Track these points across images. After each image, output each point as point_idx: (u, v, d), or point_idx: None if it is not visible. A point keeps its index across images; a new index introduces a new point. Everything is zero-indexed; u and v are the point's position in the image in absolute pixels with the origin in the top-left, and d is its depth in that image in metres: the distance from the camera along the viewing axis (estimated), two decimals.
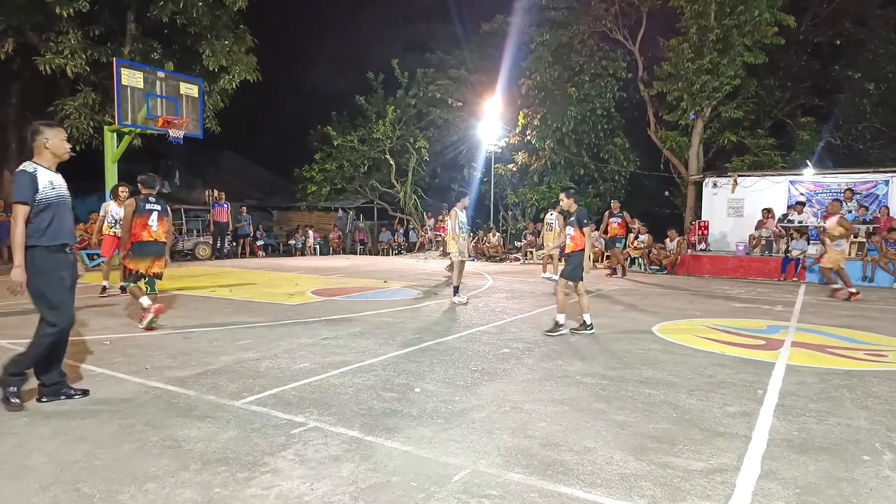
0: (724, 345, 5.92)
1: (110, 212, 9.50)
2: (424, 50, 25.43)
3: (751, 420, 3.64)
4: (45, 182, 3.70)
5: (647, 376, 4.63)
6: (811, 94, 20.89)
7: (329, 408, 3.76)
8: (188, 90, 14.89)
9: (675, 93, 17.72)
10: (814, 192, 15.69)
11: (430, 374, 4.60)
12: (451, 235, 8.98)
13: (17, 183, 3.64)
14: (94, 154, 15.45)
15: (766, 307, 8.77)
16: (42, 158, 3.78)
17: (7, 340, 5.65)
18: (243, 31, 16.80)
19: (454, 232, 8.93)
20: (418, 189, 24.36)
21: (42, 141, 3.76)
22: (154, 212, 6.48)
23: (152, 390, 4.10)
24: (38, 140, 3.76)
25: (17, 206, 3.60)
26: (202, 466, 2.87)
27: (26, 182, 3.62)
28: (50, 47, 13.68)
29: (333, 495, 2.59)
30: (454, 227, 8.94)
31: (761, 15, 16.07)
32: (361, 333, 6.25)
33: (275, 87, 25.40)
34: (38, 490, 2.62)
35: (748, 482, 2.76)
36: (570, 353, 5.45)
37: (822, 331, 6.83)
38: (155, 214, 6.48)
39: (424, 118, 23.71)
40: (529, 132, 21.23)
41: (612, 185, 21.76)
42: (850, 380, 4.63)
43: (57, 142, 3.80)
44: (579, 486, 2.70)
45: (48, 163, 3.79)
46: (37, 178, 3.67)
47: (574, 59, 20.46)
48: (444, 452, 3.07)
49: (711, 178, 17.19)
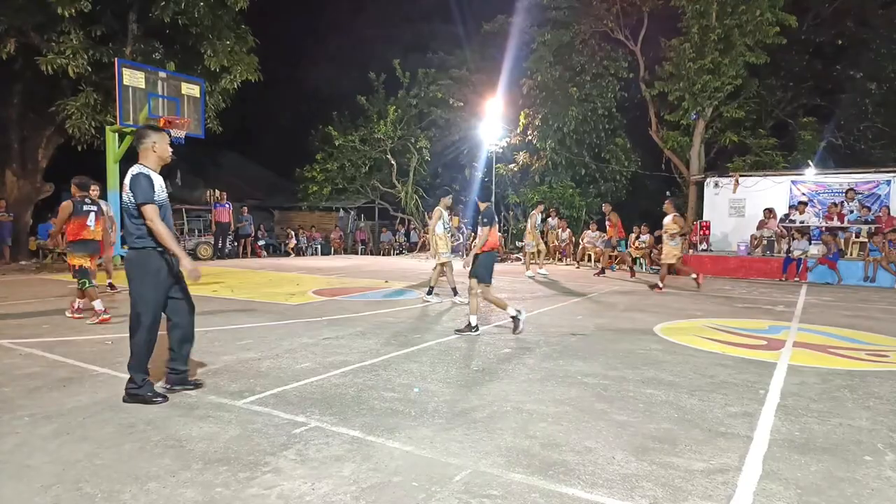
0: (726, 345, 5.91)
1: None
2: (426, 50, 25.42)
3: (752, 420, 3.64)
4: (157, 185, 3.81)
5: (648, 376, 4.63)
6: (813, 93, 20.85)
7: (330, 407, 3.76)
8: (190, 90, 14.89)
9: (676, 93, 17.69)
10: (815, 193, 15.67)
11: (432, 374, 4.61)
12: (437, 234, 8.79)
13: (139, 185, 3.70)
14: (96, 154, 15.47)
15: (768, 307, 8.76)
16: (149, 161, 3.86)
17: (8, 340, 5.67)
18: (245, 32, 16.78)
19: (436, 230, 8.77)
20: (419, 189, 24.35)
21: (150, 144, 3.86)
22: (91, 213, 6.97)
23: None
24: (145, 143, 3.85)
25: (148, 207, 3.68)
26: (204, 466, 2.87)
27: (147, 184, 3.72)
28: (52, 47, 13.68)
29: (335, 495, 2.59)
30: (435, 226, 8.79)
31: (763, 15, 16.04)
32: (363, 333, 6.25)
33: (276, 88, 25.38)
34: (40, 489, 2.62)
35: (750, 482, 2.76)
36: (572, 353, 5.45)
37: (823, 331, 6.82)
38: (92, 215, 6.97)
39: (426, 118, 23.71)
40: (531, 132, 21.22)
41: (614, 185, 21.75)
42: (851, 380, 4.63)
43: (164, 145, 3.91)
44: (580, 487, 2.70)
45: (154, 165, 3.88)
46: (152, 180, 3.77)
47: (575, 59, 20.44)
48: (445, 452, 3.07)
49: (713, 178, 17.17)
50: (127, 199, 3.74)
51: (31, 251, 16.25)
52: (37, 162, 16.47)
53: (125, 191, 3.75)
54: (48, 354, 5.09)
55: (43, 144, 16.49)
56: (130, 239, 3.78)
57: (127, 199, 3.74)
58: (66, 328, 6.40)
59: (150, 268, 3.77)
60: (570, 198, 20.71)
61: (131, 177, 3.75)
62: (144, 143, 3.86)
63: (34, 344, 5.49)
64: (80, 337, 5.90)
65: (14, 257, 15.29)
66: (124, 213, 3.80)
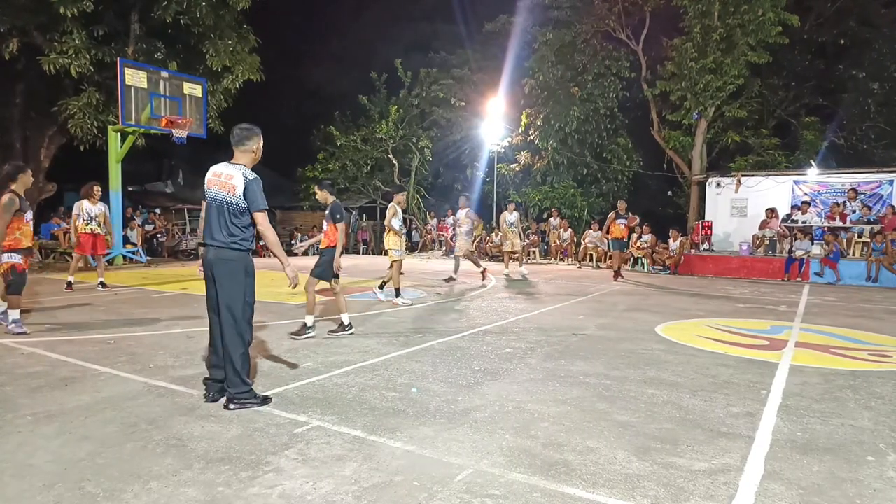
0: (728, 345, 5.90)
1: (84, 210, 9.67)
2: (427, 50, 25.44)
3: (754, 420, 3.63)
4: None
5: (650, 376, 4.63)
6: (815, 93, 20.83)
7: (332, 407, 3.76)
8: (191, 90, 14.91)
9: (678, 92, 17.68)
10: (818, 192, 15.65)
11: (433, 374, 4.61)
12: (393, 231, 8.50)
13: (258, 191, 3.69)
14: (98, 154, 15.50)
15: (770, 307, 8.75)
16: (249, 163, 3.83)
17: (10, 339, 5.68)
18: (247, 31, 16.81)
19: (394, 229, 8.49)
20: (421, 189, 24.37)
21: (257, 146, 3.86)
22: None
23: (156, 389, 4.11)
24: (249, 145, 3.82)
25: (264, 214, 3.72)
26: (205, 465, 2.87)
27: (261, 188, 3.74)
28: (54, 47, 13.70)
29: (336, 494, 2.59)
30: (391, 221, 8.51)
31: (765, 14, 16.02)
32: (364, 333, 6.25)
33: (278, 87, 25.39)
34: (42, 488, 2.62)
35: (751, 483, 2.76)
36: (573, 353, 5.45)
37: (825, 331, 6.81)
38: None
39: (427, 118, 23.71)
40: (532, 132, 21.21)
41: (616, 185, 21.74)
42: (853, 380, 4.62)
43: (261, 147, 3.91)
44: (582, 487, 2.69)
45: (250, 167, 3.84)
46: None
47: (577, 59, 20.44)
48: (446, 452, 3.07)
49: (715, 178, 17.15)
50: (235, 200, 3.67)
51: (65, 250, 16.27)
52: (39, 161, 16.49)
53: (233, 192, 3.66)
54: (50, 354, 5.10)
55: (45, 144, 16.52)
56: (233, 239, 3.69)
57: (234, 199, 3.67)
58: (68, 328, 6.41)
59: (251, 268, 3.82)
60: (572, 198, 20.71)
61: (251, 180, 3.68)
62: (248, 144, 3.82)
63: (36, 343, 5.50)
64: (82, 336, 5.91)
65: None
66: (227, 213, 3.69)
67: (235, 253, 3.72)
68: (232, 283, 3.70)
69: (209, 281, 3.78)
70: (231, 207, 3.69)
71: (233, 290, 3.70)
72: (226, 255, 3.71)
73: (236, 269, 3.72)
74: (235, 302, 3.70)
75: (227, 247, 3.70)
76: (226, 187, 3.70)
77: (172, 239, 20.13)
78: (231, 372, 3.70)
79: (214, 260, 3.73)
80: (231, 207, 3.69)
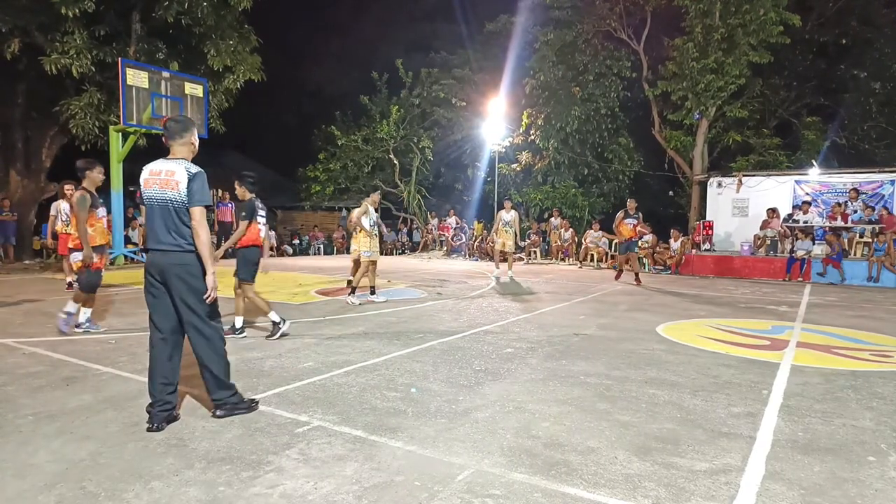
0: (729, 345, 5.90)
1: (62, 211, 9.71)
2: (428, 50, 25.46)
3: (755, 421, 3.63)
4: None
5: (651, 376, 4.62)
6: (816, 93, 20.80)
7: (333, 407, 3.77)
8: (193, 90, 14.92)
9: (679, 92, 17.66)
10: (819, 192, 15.63)
11: (434, 374, 4.61)
12: (363, 231, 8.33)
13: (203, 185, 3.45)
14: (100, 154, 15.49)
15: (771, 307, 8.74)
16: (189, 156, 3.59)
17: (12, 339, 5.69)
18: (248, 31, 16.82)
19: (363, 227, 8.31)
20: (422, 189, 24.37)
21: (194, 137, 3.63)
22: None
23: None
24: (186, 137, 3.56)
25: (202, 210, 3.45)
26: (207, 465, 2.88)
27: (206, 182, 3.51)
28: (55, 47, 13.71)
29: (337, 494, 2.59)
30: (360, 219, 8.34)
31: (766, 14, 16.01)
32: (365, 333, 6.26)
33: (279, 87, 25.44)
34: (43, 488, 2.63)
35: (752, 483, 2.76)
36: (574, 353, 5.44)
37: (827, 331, 6.80)
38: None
39: (428, 118, 23.72)
40: (533, 132, 21.21)
41: (617, 185, 21.73)
42: (855, 380, 4.61)
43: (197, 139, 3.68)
44: (583, 487, 2.69)
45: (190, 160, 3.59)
46: None
47: (578, 59, 20.42)
48: (447, 452, 3.07)
49: (716, 178, 17.13)
50: (179, 197, 3.38)
51: (35, 250, 16.32)
52: (40, 162, 16.52)
53: (176, 188, 3.38)
54: (52, 353, 5.10)
55: (46, 144, 16.54)
56: (185, 241, 3.42)
57: (178, 196, 3.39)
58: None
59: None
60: (573, 198, 20.70)
61: (195, 174, 3.42)
62: (186, 136, 3.56)
63: (38, 343, 5.51)
64: (83, 336, 5.92)
65: (18, 257, 15.34)
66: (173, 212, 3.41)
67: (189, 255, 3.43)
68: (190, 288, 3.42)
69: (155, 290, 3.46)
70: (176, 205, 3.40)
71: (193, 294, 3.43)
72: (178, 259, 3.41)
73: (193, 272, 3.43)
74: (199, 304, 3.45)
75: (178, 249, 3.42)
76: (168, 184, 3.41)
77: None
78: (211, 379, 3.51)
79: (165, 265, 3.41)
80: (176, 205, 3.40)
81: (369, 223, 8.37)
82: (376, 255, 8.51)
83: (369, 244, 8.36)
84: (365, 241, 8.37)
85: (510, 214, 12.22)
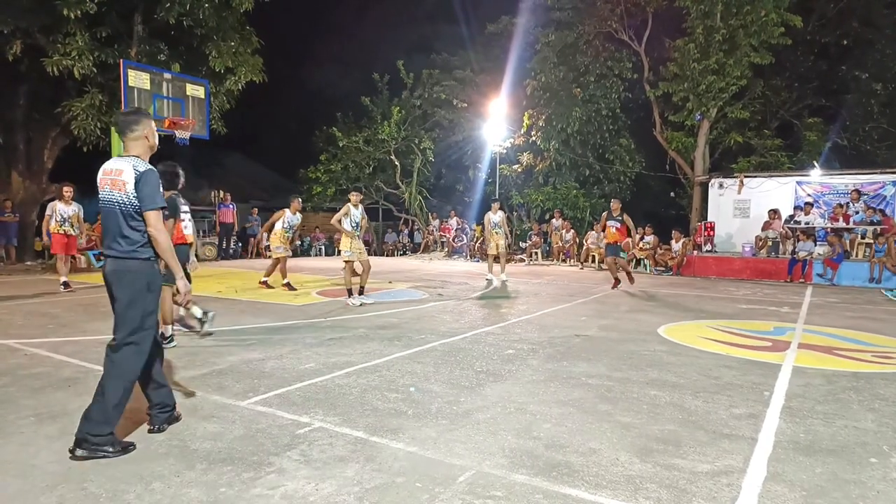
0: (731, 346, 5.89)
1: (57, 211, 9.88)
2: (429, 51, 25.45)
3: (757, 422, 3.62)
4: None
5: (652, 378, 4.62)
6: (818, 94, 20.78)
7: (334, 408, 3.76)
8: (194, 91, 14.93)
9: (680, 93, 17.65)
10: (821, 193, 15.61)
11: (435, 375, 4.60)
12: (346, 230, 8.44)
13: (153, 185, 3.17)
14: (102, 155, 15.53)
15: (773, 308, 8.73)
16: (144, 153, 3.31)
17: (14, 340, 5.69)
18: (249, 33, 16.84)
19: (343, 228, 8.41)
20: (423, 190, 24.37)
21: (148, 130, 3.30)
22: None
23: None
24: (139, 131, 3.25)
25: (157, 213, 3.17)
26: (208, 466, 2.88)
27: (157, 182, 3.22)
28: (57, 49, 13.74)
29: (338, 495, 2.59)
30: (340, 220, 8.40)
31: (768, 15, 15.99)
32: (366, 334, 6.26)
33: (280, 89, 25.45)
34: (45, 489, 2.63)
35: (754, 484, 2.75)
36: (575, 354, 5.44)
37: (828, 332, 6.79)
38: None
39: (429, 119, 23.72)
40: (534, 133, 21.21)
41: (618, 186, 21.71)
42: (857, 382, 4.60)
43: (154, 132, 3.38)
44: (584, 488, 2.69)
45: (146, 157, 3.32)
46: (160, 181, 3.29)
47: (579, 60, 20.42)
48: (448, 453, 3.07)
49: (717, 179, 17.13)
50: (127, 199, 3.11)
51: (37, 251, 16.34)
52: (42, 163, 16.55)
53: (123, 189, 3.11)
54: (53, 354, 5.11)
55: (48, 145, 16.57)
56: (133, 247, 3.12)
57: (126, 198, 3.11)
58: (70, 328, 6.42)
59: (156, 283, 3.26)
60: (574, 199, 20.69)
61: (143, 172, 3.13)
62: (137, 130, 3.24)
63: (39, 344, 5.52)
64: (84, 337, 5.92)
65: (20, 258, 15.37)
66: (121, 215, 3.13)
67: (136, 263, 3.12)
68: (130, 302, 3.10)
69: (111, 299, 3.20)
70: (124, 208, 3.10)
71: (131, 309, 3.11)
72: (125, 267, 3.11)
73: (136, 283, 3.12)
74: (131, 323, 3.11)
75: (126, 256, 3.11)
76: (116, 185, 3.12)
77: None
78: (97, 407, 3.00)
79: (112, 273, 3.14)
80: (124, 208, 3.10)
81: (350, 224, 8.46)
82: (356, 255, 8.50)
83: (350, 244, 8.46)
84: (346, 242, 8.52)
85: (497, 216, 11.77)
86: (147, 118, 3.34)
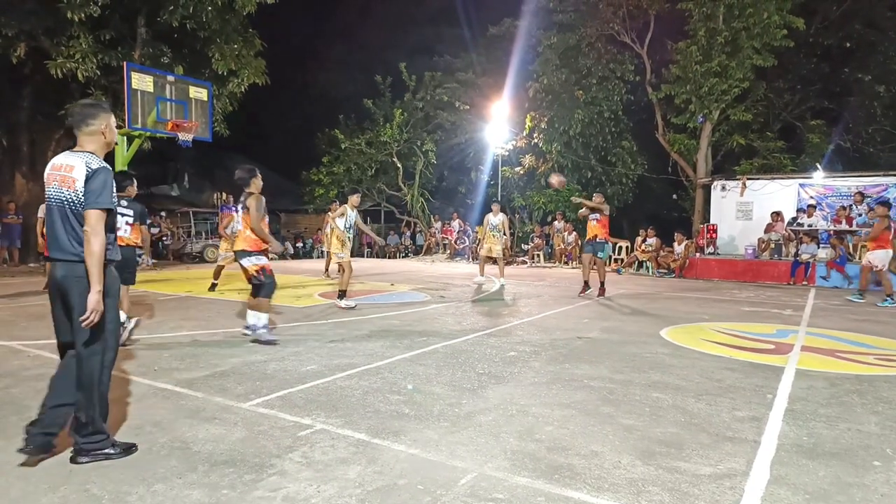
0: (733, 349, 5.88)
1: None
2: (432, 53, 25.54)
3: (760, 425, 3.61)
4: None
5: (654, 380, 4.61)
6: (821, 96, 20.77)
7: (336, 410, 3.76)
8: (197, 94, 14.98)
9: (683, 95, 17.66)
10: (823, 196, 15.58)
11: (437, 377, 4.60)
12: (337, 234, 8.33)
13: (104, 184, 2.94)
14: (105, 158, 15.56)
15: (776, 311, 8.71)
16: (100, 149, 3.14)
17: (17, 342, 5.71)
18: (252, 35, 16.90)
19: (337, 227, 8.30)
20: (425, 192, 24.39)
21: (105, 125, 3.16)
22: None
23: (161, 392, 4.11)
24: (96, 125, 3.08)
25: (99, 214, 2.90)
26: (210, 468, 2.88)
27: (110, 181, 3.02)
28: (61, 51, 13.81)
29: (340, 498, 2.59)
30: (335, 220, 8.34)
31: (770, 17, 16.00)
32: (368, 336, 6.26)
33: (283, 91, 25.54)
34: (47, 490, 2.64)
35: (757, 487, 2.74)
36: (577, 356, 5.43)
37: (832, 335, 6.77)
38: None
39: (432, 121, 23.75)
40: (537, 135, 21.22)
41: (620, 189, 21.72)
42: (860, 385, 4.59)
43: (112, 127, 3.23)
44: (586, 491, 2.69)
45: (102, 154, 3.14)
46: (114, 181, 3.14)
47: (581, 62, 20.45)
48: (450, 455, 3.06)
49: (720, 182, 17.12)
50: (76, 198, 2.88)
51: (40, 253, 16.38)
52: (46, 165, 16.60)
53: (72, 187, 2.89)
54: (56, 356, 5.09)
55: (52, 147, 16.61)
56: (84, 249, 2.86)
57: (75, 196, 2.89)
58: None
59: (114, 287, 3.02)
60: None
61: (96, 170, 2.91)
62: (94, 124, 3.03)
63: (43, 346, 5.52)
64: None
65: (23, 259, 15.42)
66: (71, 215, 2.90)
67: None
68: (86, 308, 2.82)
69: (56, 305, 2.96)
70: (74, 207, 2.88)
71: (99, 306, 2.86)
72: (78, 271, 2.85)
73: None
74: (93, 332, 2.88)
75: (79, 260, 2.85)
76: (65, 182, 2.90)
77: (178, 242, 20.23)
78: (85, 416, 2.92)
79: (63, 278, 2.88)
80: (74, 207, 2.88)
81: (344, 224, 8.36)
82: (348, 256, 8.46)
83: (340, 247, 8.40)
84: (336, 244, 8.45)
85: (497, 218, 11.53)
86: (106, 112, 3.11)
